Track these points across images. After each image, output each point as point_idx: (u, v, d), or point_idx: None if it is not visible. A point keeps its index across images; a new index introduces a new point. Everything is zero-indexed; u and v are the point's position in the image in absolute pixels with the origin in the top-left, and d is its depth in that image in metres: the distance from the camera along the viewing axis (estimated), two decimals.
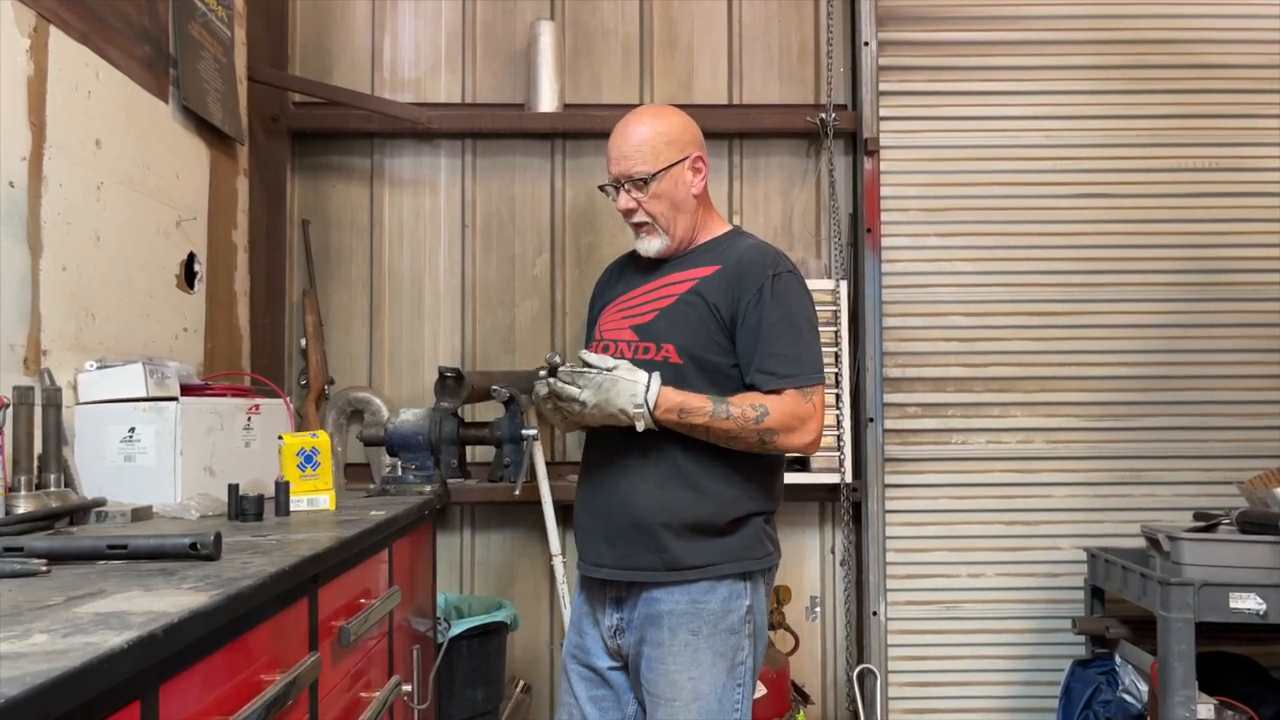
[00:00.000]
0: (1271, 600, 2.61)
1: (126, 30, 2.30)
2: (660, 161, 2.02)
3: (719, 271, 2.03)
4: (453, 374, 2.63)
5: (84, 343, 2.08)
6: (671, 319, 2.01)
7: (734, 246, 2.08)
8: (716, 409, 1.90)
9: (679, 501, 1.95)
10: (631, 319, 2.08)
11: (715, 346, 1.99)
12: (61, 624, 1.02)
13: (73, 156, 2.06)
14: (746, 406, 1.91)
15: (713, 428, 1.91)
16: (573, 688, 2.11)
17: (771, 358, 1.95)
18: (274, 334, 3.32)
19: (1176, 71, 3.48)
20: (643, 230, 2.07)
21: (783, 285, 2.00)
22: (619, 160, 2.03)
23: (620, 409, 1.88)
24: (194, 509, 1.92)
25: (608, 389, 1.88)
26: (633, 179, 2.02)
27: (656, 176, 2.01)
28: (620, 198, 2.05)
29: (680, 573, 1.95)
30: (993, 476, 3.42)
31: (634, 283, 2.14)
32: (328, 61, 3.49)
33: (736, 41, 3.55)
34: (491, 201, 3.51)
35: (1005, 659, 3.40)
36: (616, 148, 2.04)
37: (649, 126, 2.04)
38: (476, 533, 3.44)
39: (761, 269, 2.00)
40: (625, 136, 2.04)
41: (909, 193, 3.46)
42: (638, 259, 2.17)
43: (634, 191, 2.03)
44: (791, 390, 1.95)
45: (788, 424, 1.93)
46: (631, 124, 2.06)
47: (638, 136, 2.03)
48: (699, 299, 2.01)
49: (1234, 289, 3.44)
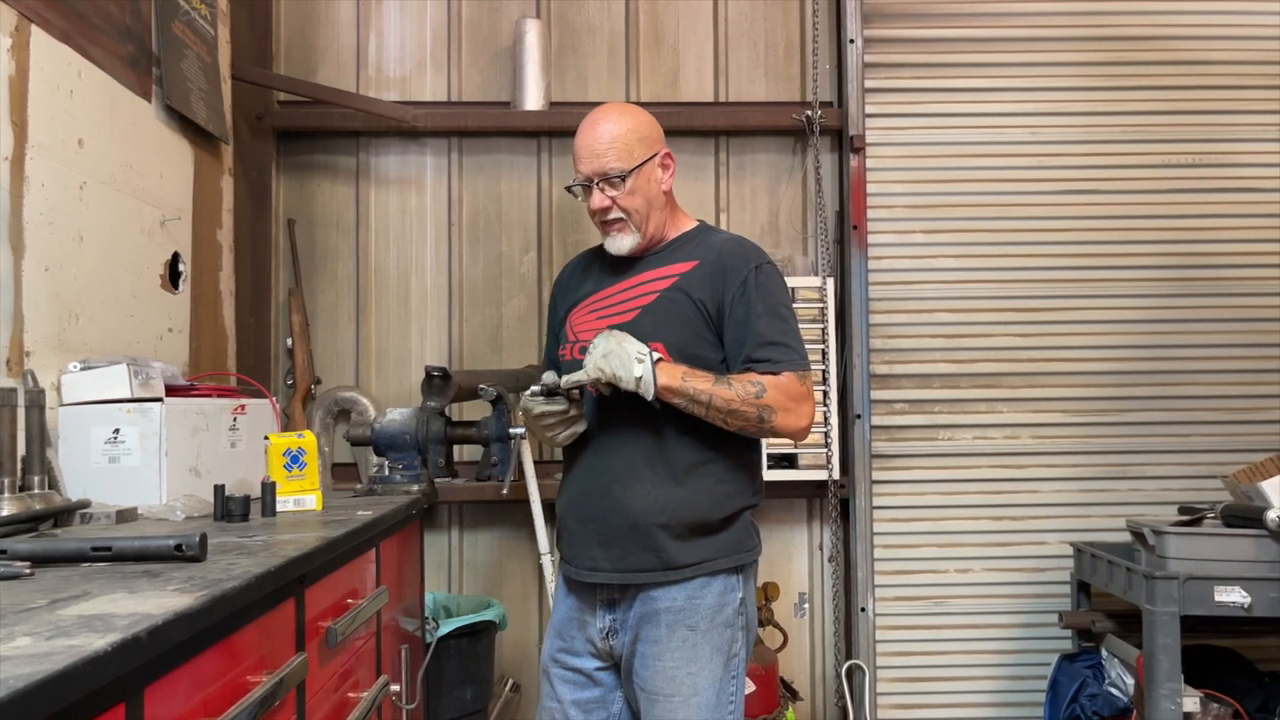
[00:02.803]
0: (1256, 593, 2.64)
1: (109, 29, 2.29)
2: (634, 158, 2.01)
3: (698, 267, 2.03)
4: (440, 373, 2.63)
5: (68, 344, 2.07)
6: (656, 316, 2.01)
7: (708, 242, 2.09)
8: (719, 379, 1.91)
9: (674, 500, 1.95)
10: (609, 318, 2.05)
11: (703, 342, 2.00)
12: (45, 627, 1.02)
13: (55, 156, 2.04)
14: (746, 382, 1.92)
15: (715, 395, 1.89)
16: (556, 692, 2.08)
17: (763, 345, 1.97)
18: (260, 334, 3.31)
19: (1161, 67, 3.50)
20: (614, 228, 2.05)
21: (765, 277, 2.02)
22: (591, 159, 2.01)
23: (626, 369, 1.85)
24: (179, 510, 1.92)
25: (612, 346, 1.87)
26: (607, 176, 2.01)
27: (632, 173, 2.01)
28: (594, 196, 2.03)
29: (678, 571, 1.96)
30: (980, 472, 3.44)
31: (604, 282, 2.12)
32: (313, 60, 3.48)
33: (722, 39, 3.55)
34: (478, 200, 3.50)
35: (993, 654, 3.42)
36: (587, 146, 2.02)
37: (618, 124, 2.03)
38: (464, 532, 3.44)
39: (744, 262, 2.02)
40: (596, 135, 2.02)
41: (895, 190, 3.47)
42: (602, 258, 2.16)
43: (608, 190, 2.02)
44: (787, 372, 1.96)
45: (784, 404, 1.93)
46: (601, 122, 2.04)
47: (610, 134, 2.01)
48: (682, 295, 2.01)
49: (1219, 284, 3.46)
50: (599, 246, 2.20)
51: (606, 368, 1.86)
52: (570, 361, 2.06)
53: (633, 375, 1.85)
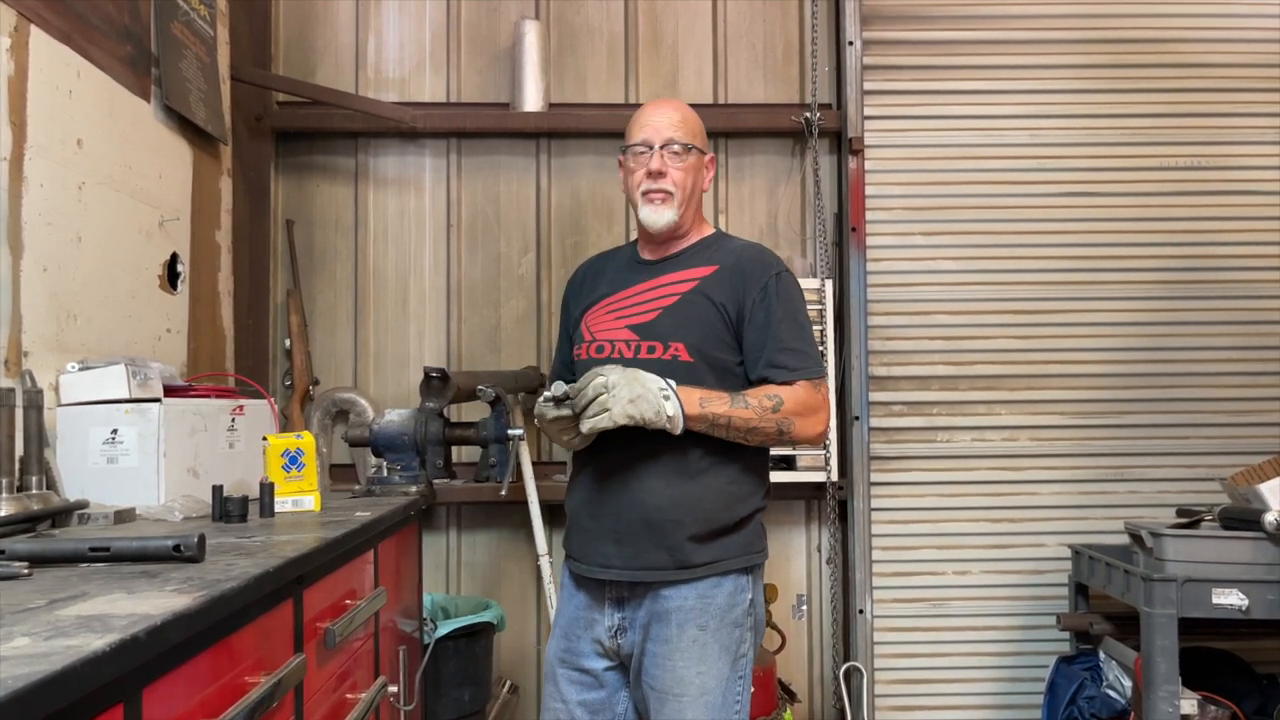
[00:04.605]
0: (1253, 596, 2.64)
1: (108, 29, 2.29)
2: (698, 142, 2.12)
3: (718, 271, 2.06)
4: (438, 374, 2.63)
5: (66, 344, 2.07)
6: (678, 317, 2.02)
7: (726, 247, 2.13)
8: (735, 399, 1.93)
9: (689, 500, 1.96)
10: (628, 318, 2.07)
11: (722, 344, 2.02)
12: (43, 627, 1.01)
13: (54, 156, 2.04)
14: (762, 397, 1.95)
15: (734, 416, 1.92)
16: (562, 692, 2.08)
17: (782, 352, 2.00)
18: (258, 334, 3.30)
19: (1160, 70, 3.51)
20: (658, 198, 2.08)
21: (785, 284, 2.06)
22: (663, 127, 2.08)
23: (653, 392, 1.85)
24: (177, 511, 1.91)
25: (633, 374, 1.86)
26: (673, 144, 2.07)
27: (693, 150, 2.09)
28: (655, 158, 2.07)
29: (690, 570, 1.96)
30: (978, 474, 3.44)
31: (622, 283, 2.14)
32: (312, 60, 3.48)
33: (721, 40, 3.55)
34: (476, 201, 3.50)
35: (991, 655, 3.42)
36: (661, 115, 2.10)
37: (688, 112, 2.14)
38: (463, 533, 3.43)
39: (765, 267, 2.07)
40: (669, 110, 2.12)
41: (894, 192, 3.47)
42: (618, 261, 2.20)
43: (669, 159, 2.07)
44: (802, 381, 1.99)
45: (802, 412, 1.98)
46: (672, 105, 2.15)
47: (681, 115, 2.11)
48: (703, 298, 2.03)
49: (1217, 286, 3.47)
50: (611, 251, 2.22)
51: (636, 413, 1.84)
52: (585, 361, 2.07)
53: (664, 414, 1.86)
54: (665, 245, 2.14)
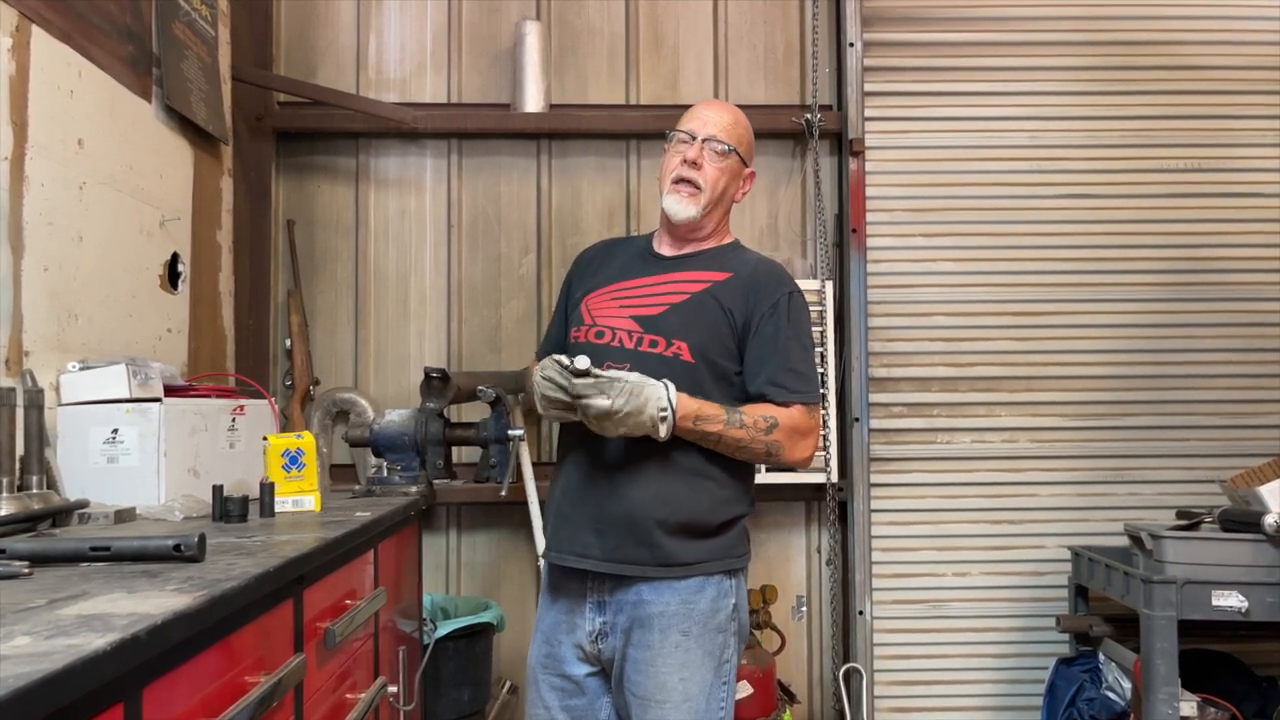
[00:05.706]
0: (1253, 598, 2.64)
1: (109, 29, 2.29)
2: (741, 147, 2.14)
3: (732, 279, 2.06)
4: (438, 374, 2.63)
5: (66, 343, 2.07)
6: (685, 316, 2.02)
7: (741, 257, 2.14)
8: (730, 417, 1.93)
9: (675, 498, 1.95)
10: (633, 308, 2.06)
11: (725, 351, 2.02)
12: (44, 626, 1.01)
13: (55, 156, 2.04)
14: (758, 416, 1.95)
15: (725, 435, 1.93)
16: (544, 699, 2.06)
17: (786, 372, 2.00)
18: (259, 334, 3.30)
19: (1161, 73, 3.51)
20: (686, 190, 2.08)
21: (796, 304, 2.08)
22: (712, 123, 2.10)
23: (651, 417, 1.86)
24: (178, 510, 1.91)
25: (641, 399, 1.85)
26: (715, 141, 2.08)
27: (733, 154, 2.10)
28: (694, 148, 2.08)
29: (669, 569, 1.95)
30: (978, 475, 3.44)
31: (633, 272, 2.13)
32: (313, 61, 3.48)
33: (722, 42, 3.55)
34: (477, 202, 3.50)
35: (990, 657, 3.42)
36: (714, 112, 2.14)
37: (743, 121, 2.17)
38: (463, 533, 3.43)
39: (779, 283, 2.08)
40: (723, 112, 2.15)
41: (894, 193, 3.47)
42: (631, 249, 2.19)
43: (708, 154, 2.08)
44: (799, 405, 2.00)
45: (793, 437, 1.98)
46: (729, 108, 2.18)
47: (734, 119, 2.14)
48: (714, 301, 2.03)
49: (1217, 289, 3.47)
50: (625, 238, 2.20)
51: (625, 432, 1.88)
52: (582, 345, 2.05)
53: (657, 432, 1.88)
54: (683, 243, 2.13)
